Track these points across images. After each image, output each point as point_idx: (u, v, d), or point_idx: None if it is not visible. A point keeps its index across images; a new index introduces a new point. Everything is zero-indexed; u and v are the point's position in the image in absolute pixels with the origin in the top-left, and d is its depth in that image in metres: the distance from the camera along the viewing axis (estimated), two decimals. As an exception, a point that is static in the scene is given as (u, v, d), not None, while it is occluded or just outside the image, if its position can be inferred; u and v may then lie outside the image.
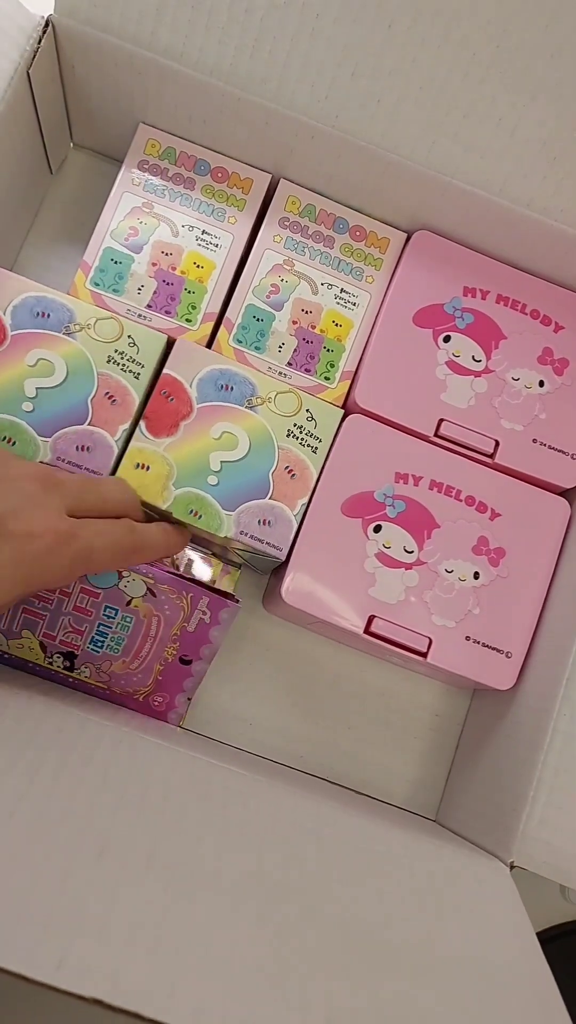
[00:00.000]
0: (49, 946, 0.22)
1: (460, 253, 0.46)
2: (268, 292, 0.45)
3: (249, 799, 0.36)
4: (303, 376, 0.44)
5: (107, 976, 0.21)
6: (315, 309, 0.45)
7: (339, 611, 0.42)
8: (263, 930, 0.26)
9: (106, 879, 0.25)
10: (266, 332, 0.44)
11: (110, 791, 0.30)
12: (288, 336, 0.45)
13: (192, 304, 0.44)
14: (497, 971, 0.30)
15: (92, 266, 0.44)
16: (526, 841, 0.38)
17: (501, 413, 0.45)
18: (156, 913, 0.25)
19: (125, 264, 0.44)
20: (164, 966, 0.23)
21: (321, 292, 0.45)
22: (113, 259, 0.44)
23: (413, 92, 0.39)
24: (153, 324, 0.44)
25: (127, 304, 0.44)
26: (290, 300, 0.45)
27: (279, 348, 0.44)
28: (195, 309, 0.44)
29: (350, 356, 0.45)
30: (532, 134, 0.40)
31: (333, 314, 0.45)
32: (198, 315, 0.44)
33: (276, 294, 0.45)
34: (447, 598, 0.43)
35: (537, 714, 0.41)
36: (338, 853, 0.34)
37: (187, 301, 0.44)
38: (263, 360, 0.44)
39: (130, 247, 0.44)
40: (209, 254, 0.45)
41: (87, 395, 0.41)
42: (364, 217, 0.46)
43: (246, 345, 0.44)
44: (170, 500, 0.41)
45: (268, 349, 0.44)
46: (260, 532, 0.42)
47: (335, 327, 0.45)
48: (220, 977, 0.24)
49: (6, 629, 0.43)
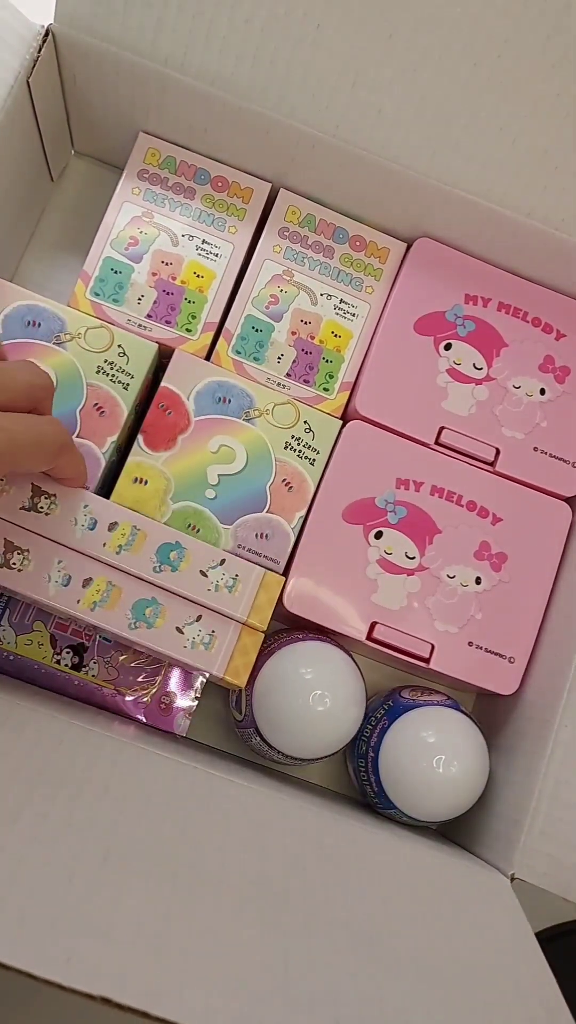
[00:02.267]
0: (56, 946, 0.22)
1: (461, 260, 0.46)
2: (267, 303, 0.45)
3: (250, 808, 0.36)
4: (302, 387, 0.44)
5: (114, 975, 0.22)
6: (314, 320, 0.45)
7: (341, 617, 0.42)
8: (268, 932, 0.27)
9: (111, 882, 0.26)
10: (265, 343, 0.44)
11: (112, 799, 0.31)
12: (287, 347, 0.45)
13: (192, 314, 0.44)
14: (501, 977, 0.31)
15: (92, 276, 0.44)
16: (527, 853, 0.38)
17: (502, 421, 0.45)
18: (161, 915, 0.25)
19: (125, 274, 0.44)
20: (171, 966, 0.23)
21: (320, 303, 0.45)
22: (113, 269, 0.44)
23: (414, 102, 0.39)
24: (153, 334, 0.44)
25: (127, 314, 0.44)
26: (289, 311, 0.45)
27: (278, 359, 0.44)
28: (195, 319, 0.44)
29: (349, 367, 0.45)
30: (533, 143, 0.40)
31: (332, 325, 0.45)
32: (198, 325, 0.44)
33: (275, 304, 0.45)
34: (449, 603, 0.43)
35: (539, 725, 0.41)
36: (340, 861, 0.34)
37: (187, 311, 0.44)
38: (262, 371, 0.44)
39: (130, 256, 0.44)
40: (209, 264, 0.45)
41: (75, 407, 0.41)
42: (364, 227, 0.46)
43: (245, 356, 0.44)
44: (168, 515, 0.41)
45: (267, 360, 0.44)
46: (257, 546, 0.42)
47: (334, 338, 0.45)
48: (227, 978, 0.24)
49: (17, 622, 0.43)
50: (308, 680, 0.41)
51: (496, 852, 0.40)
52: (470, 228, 0.44)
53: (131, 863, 0.27)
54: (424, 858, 0.38)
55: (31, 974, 0.20)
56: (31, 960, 0.20)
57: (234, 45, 0.39)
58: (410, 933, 0.31)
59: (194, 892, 0.27)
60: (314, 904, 0.30)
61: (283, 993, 0.24)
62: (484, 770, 0.42)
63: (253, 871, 0.30)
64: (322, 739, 0.41)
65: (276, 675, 0.41)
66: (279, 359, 0.44)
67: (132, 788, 0.32)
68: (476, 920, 0.34)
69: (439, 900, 0.34)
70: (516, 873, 0.38)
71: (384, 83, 0.39)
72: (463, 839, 0.44)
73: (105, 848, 0.27)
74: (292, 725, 0.41)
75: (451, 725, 0.42)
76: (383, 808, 0.43)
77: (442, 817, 0.42)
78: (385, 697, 0.45)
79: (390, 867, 0.36)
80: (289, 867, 0.31)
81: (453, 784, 0.40)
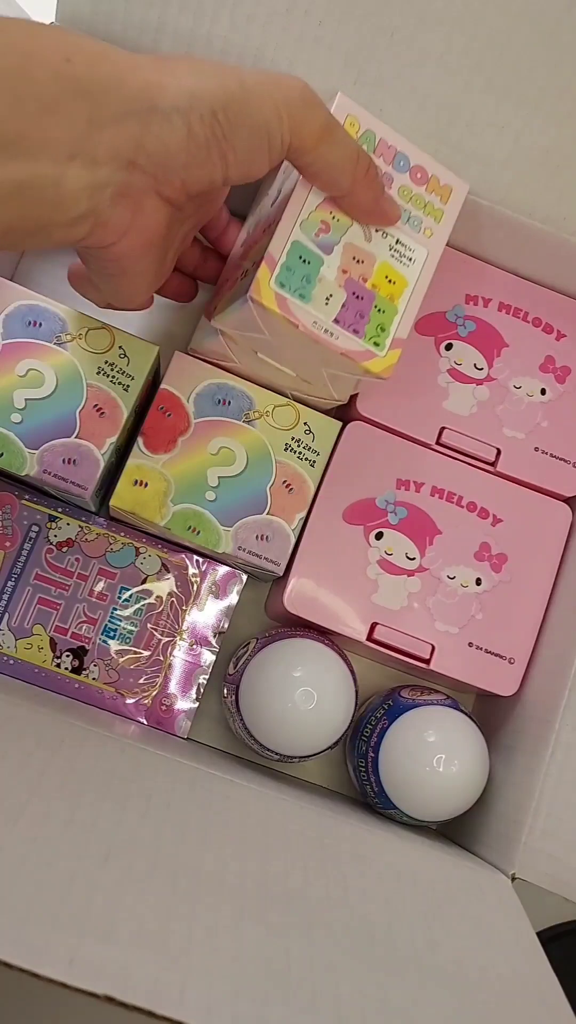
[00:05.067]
0: (59, 945, 0.22)
1: (462, 261, 0.46)
2: (318, 229, 0.37)
3: (251, 809, 0.36)
4: (351, 337, 0.38)
5: (117, 974, 0.22)
6: (367, 259, 0.38)
7: (341, 618, 0.42)
8: (269, 932, 0.27)
9: (113, 882, 0.26)
10: (312, 278, 0.37)
11: (113, 800, 0.31)
12: (337, 288, 0.38)
13: (381, 325, 0.38)
14: (503, 976, 0.31)
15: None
16: (528, 853, 0.38)
17: (503, 421, 0.45)
18: (163, 915, 0.25)
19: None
20: (173, 966, 0.23)
21: (375, 240, 0.38)
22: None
23: (415, 100, 0.39)
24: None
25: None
26: (340, 244, 0.37)
27: (326, 300, 0.37)
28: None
29: (403, 321, 0.38)
30: (534, 143, 0.40)
31: (386, 268, 0.38)
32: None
33: (326, 233, 0.37)
34: (449, 604, 0.43)
35: (539, 724, 0.41)
36: (341, 862, 0.34)
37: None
38: (307, 311, 0.37)
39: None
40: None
41: (76, 407, 0.41)
42: (426, 157, 0.39)
43: (289, 290, 0.37)
44: (168, 517, 0.41)
45: (314, 299, 0.37)
46: (258, 547, 0.42)
47: (388, 284, 0.38)
48: (229, 977, 0.24)
49: (17, 626, 0.43)
50: (296, 677, 0.41)
51: (497, 852, 0.40)
52: (471, 226, 0.44)
53: (133, 863, 0.27)
54: (425, 858, 0.38)
55: (35, 973, 0.20)
56: (34, 959, 0.21)
57: (236, 44, 0.39)
58: (412, 933, 0.31)
59: (196, 892, 0.27)
60: (315, 904, 0.30)
61: (285, 992, 0.24)
62: (484, 769, 0.42)
63: (255, 871, 0.30)
64: (310, 736, 0.41)
65: (262, 672, 0.41)
66: (327, 300, 0.37)
67: (133, 788, 0.32)
68: (478, 919, 0.34)
69: (440, 900, 0.34)
70: (517, 873, 0.38)
71: (385, 81, 0.39)
72: (464, 839, 0.44)
73: (106, 848, 0.27)
74: (278, 722, 0.41)
75: (451, 724, 0.42)
76: (383, 808, 0.43)
77: (443, 817, 0.42)
78: (385, 697, 0.45)
79: (391, 867, 0.36)
80: (290, 867, 0.31)
81: (453, 783, 0.40)
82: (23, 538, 0.44)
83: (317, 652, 0.42)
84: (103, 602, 0.44)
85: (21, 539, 0.44)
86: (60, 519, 0.45)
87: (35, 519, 0.45)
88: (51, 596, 0.44)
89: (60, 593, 0.44)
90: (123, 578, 0.45)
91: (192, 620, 0.45)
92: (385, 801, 0.42)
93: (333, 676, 0.41)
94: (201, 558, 0.45)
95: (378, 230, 0.38)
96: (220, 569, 0.46)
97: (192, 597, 0.45)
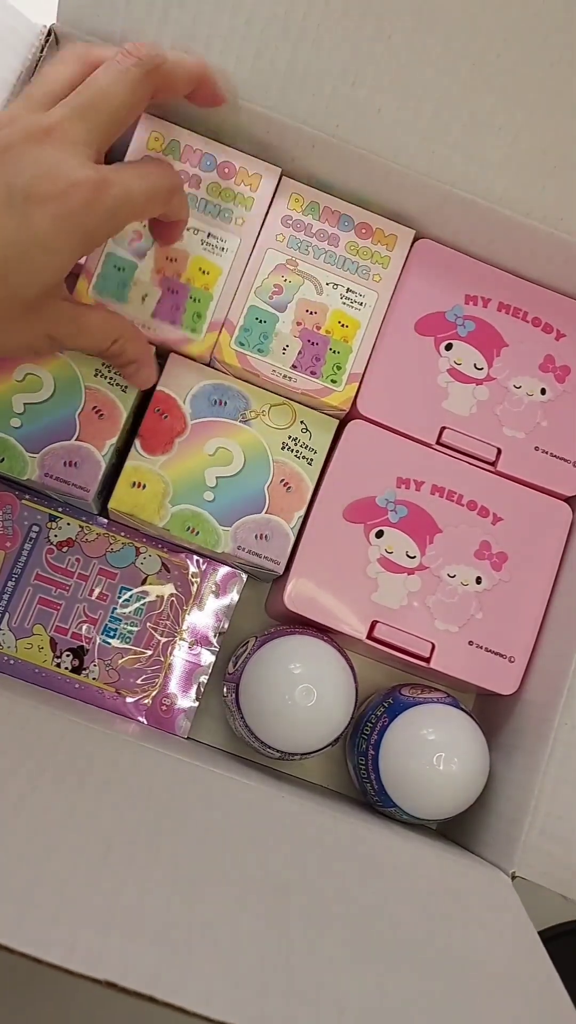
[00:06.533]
0: (59, 933, 0.22)
1: (461, 261, 0.46)
2: (271, 292, 0.43)
3: (251, 806, 0.36)
4: (308, 379, 0.43)
5: (117, 963, 0.22)
6: (320, 310, 0.44)
7: (341, 617, 0.42)
8: (270, 925, 0.27)
9: (113, 874, 0.26)
10: (269, 334, 0.43)
11: (113, 795, 0.31)
12: (292, 338, 0.43)
13: (337, 364, 0.44)
14: (505, 975, 0.31)
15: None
16: (528, 851, 0.38)
17: (503, 421, 0.45)
18: (163, 906, 0.25)
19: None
20: (173, 956, 0.23)
21: (326, 292, 0.44)
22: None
23: (413, 101, 0.40)
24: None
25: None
26: (294, 301, 0.43)
27: (283, 350, 0.43)
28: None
29: (357, 357, 0.43)
30: (532, 143, 0.40)
31: (339, 314, 0.44)
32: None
33: (279, 295, 0.43)
34: (450, 603, 0.43)
35: (539, 723, 0.41)
36: (341, 860, 0.34)
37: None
38: (267, 363, 0.43)
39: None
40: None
41: (75, 410, 0.42)
42: (370, 214, 0.44)
43: (249, 348, 0.43)
44: (167, 518, 0.41)
45: (272, 351, 0.43)
46: (257, 547, 0.42)
47: (341, 328, 0.44)
48: (230, 967, 0.24)
49: (17, 626, 0.43)
50: (296, 674, 0.41)
51: (497, 851, 0.40)
52: (470, 228, 0.44)
53: (133, 856, 0.27)
54: (425, 856, 0.38)
55: (37, 958, 0.20)
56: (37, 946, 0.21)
57: (235, 46, 0.39)
58: (412, 931, 0.31)
59: (196, 885, 0.27)
60: (315, 900, 0.30)
61: (286, 983, 0.24)
62: (484, 767, 0.42)
63: (254, 866, 0.30)
64: (310, 732, 0.41)
65: (262, 669, 0.41)
66: (284, 350, 0.43)
67: (133, 783, 0.32)
68: (479, 918, 0.34)
69: (441, 898, 0.34)
70: (517, 871, 0.38)
71: (384, 83, 0.39)
72: (464, 838, 0.44)
73: (107, 841, 0.27)
74: (278, 719, 0.41)
75: (451, 722, 0.42)
76: (383, 806, 0.43)
77: (443, 815, 0.42)
78: (385, 695, 0.45)
79: (391, 866, 0.36)
80: (290, 864, 0.31)
81: (453, 781, 0.40)
82: (23, 538, 0.44)
83: (316, 648, 0.42)
84: (103, 602, 0.44)
85: (21, 539, 0.44)
86: (60, 519, 0.45)
87: (35, 519, 0.45)
88: (51, 596, 0.44)
89: (60, 593, 0.44)
90: (123, 578, 0.45)
91: (192, 620, 0.45)
92: (385, 799, 0.42)
93: (333, 672, 0.41)
94: (201, 558, 0.46)
95: (328, 283, 0.44)
96: (220, 569, 0.46)
97: (192, 597, 0.45)
